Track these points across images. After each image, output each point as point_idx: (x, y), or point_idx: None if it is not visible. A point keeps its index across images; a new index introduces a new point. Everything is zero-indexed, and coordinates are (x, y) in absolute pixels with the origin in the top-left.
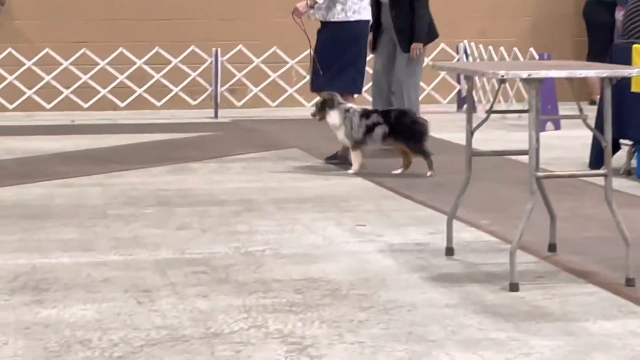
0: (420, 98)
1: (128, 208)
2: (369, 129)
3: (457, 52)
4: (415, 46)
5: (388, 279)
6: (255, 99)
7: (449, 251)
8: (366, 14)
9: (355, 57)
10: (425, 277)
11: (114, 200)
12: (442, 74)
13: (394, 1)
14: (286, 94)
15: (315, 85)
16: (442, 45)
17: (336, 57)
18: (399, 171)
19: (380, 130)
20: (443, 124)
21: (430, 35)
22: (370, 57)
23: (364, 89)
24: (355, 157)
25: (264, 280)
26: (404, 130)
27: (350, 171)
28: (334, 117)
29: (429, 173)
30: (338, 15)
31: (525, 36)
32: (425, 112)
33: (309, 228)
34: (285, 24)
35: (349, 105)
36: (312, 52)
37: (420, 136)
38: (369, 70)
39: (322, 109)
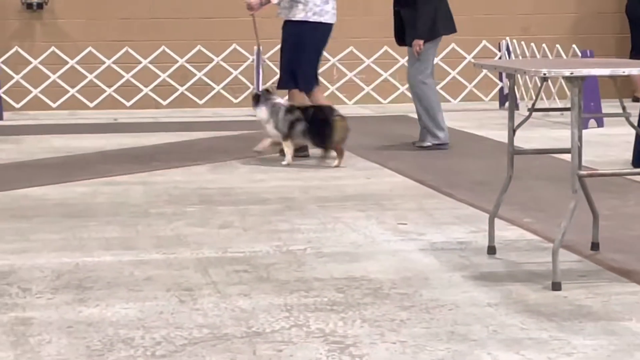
0: (462, 95)
1: (170, 206)
2: (292, 124)
3: (499, 50)
4: (416, 42)
5: (430, 277)
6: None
7: (491, 250)
8: (328, 17)
9: (310, 56)
10: (467, 276)
11: (156, 198)
12: (484, 71)
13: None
14: (327, 92)
15: (279, 83)
16: (484, 42)
17: (294, 56)
18: (335, 163)
19: (300, 127)
20: (485, 121)
21: (433, 31)
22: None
23: None
24: (287, 149)
25: (305, 279)
26: (316, 128)
27: (283, 162)
28: (262, 112)
29: (335, 163)
30: (298, 14)
31: (568, 33)
32: (466, 109)
33: (351, 226)
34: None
35: (277, 100)
36: (259, 47)
37: (329, 135)
38: None
39: (255, 103)
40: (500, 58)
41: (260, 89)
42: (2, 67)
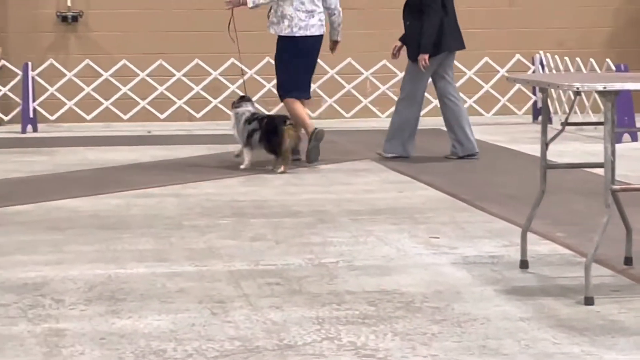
0: (495, 109)
1: (203, 219)
2: (250, 133)
3: (533, 63)
4: (421, 57)
5: (462, 291)
6: (329, 110)
7: (524, 264)
8: (314, 30)
9: (298, 69)
10: (499, 290)
11: (189, 211)
12: (518, 85)
13: (408, 12)
14: (360, 105)
15: (278, 94)
16: (518, 56)
17: (284, 68)
18: (280, 169)
19: (256, 135)
20: (518, 135)
21: (438, 47)
22: None
23: None
24: (245, 154)
25: (337, 292)
26: (269, 136)
27: (242, 166)
28: (231, 118)
29: (280, 169)
30: (285, 30)
31: (603, 47)
32: (500, 123)
33: (383, 240)
34: (360, 35)
35: (245, 108)
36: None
37: (280, 143)
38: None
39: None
40: (534, 72)
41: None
42: (37, 79)
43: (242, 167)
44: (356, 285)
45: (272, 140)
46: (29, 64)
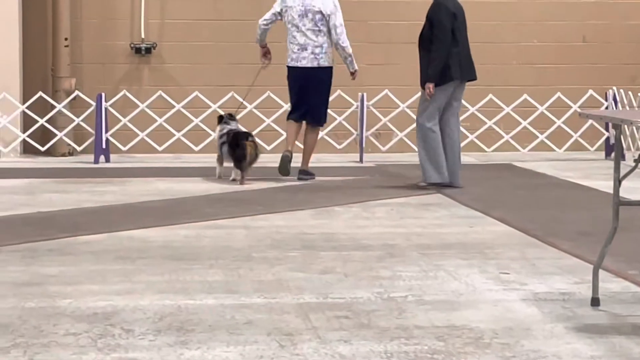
0: (567, 145)
1: (272, 251)
2: (221, 147)
3: (606, 99)
4: (427, 85)
5: (532, 328)
6: (400, 143)
7: (595, 301)
8: (305, 62)
9: (291, 94)
10: (570, 328)
11: (258, 242)
12: (590, 121)
13: (421, 44)
14: None
15: None
16: (590, 91)
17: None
18: (235, 177)
19: (225, 149)
20: (590, 171)
21: (444, 76)
22: None
23: None
24: (217, 166)
25: (405, 327)
26: (233, 150)
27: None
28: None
29: (236, 177)
30: (288, 62)
31: None
32: (572, 159)
33: (452, 275)
34: None
35: (226, 125)
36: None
37: (241, 157)
38: None
39: None
40: (606, 108)
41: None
42: (110, 110)
43: (216, 177)
44: (425, 320)
45: (236, 154)
46: (103, 94)
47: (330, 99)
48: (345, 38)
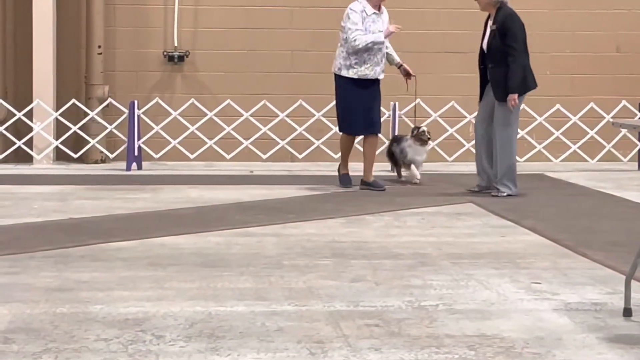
0: (600, 155)
1: (303, 259)
2: None
3: (639, 110)
4: (510, 97)
5: (563, 338)
6: (432, 153)
7: (627, 312)
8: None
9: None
10: (601, 338)
11: (289, 250)
12: (623, 131)
13: (491, 55)
14: (463, 149)
15: None
16: (624, 102)
17: None
18: None
19: None
20: (623, 182)
21: (524, 86)
22: None
23: None
24: None
25: (436, 336)
26: None
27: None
28: None
29: None
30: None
31: None
32: (604, 169)
33: (484, 284)
34: (463, 78)
35: None
36: None
37: None
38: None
39: None
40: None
41: None
42: (142, 117)
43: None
44: (456, 329)
45: None
46: (135, 102)
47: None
48: (353, 36)
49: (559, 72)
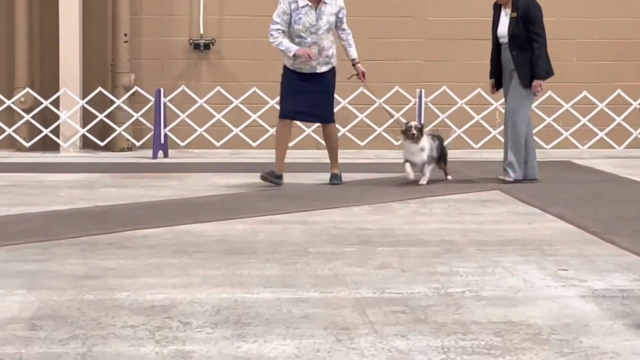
0: (627, 142)
1: (329, 246)
2: None
3: None
4: (536, 83)
5: (590, 324)
6: (458, 140)
7: None
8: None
9: None
10: (629, 324)
11: (315, 238)
12: None
13: (514, 42)
14: (489, 136)
15: None
16: None
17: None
18: None
19: None
20: None
21: (548, 72)
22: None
23: None
24: None
25: (463, 322)
26: None
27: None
28: None
29: None
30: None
31: None
32: (632, 156)
33: (510, 271)
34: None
35: None
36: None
37: None
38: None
39: None
40: None
41: None
42: (168, 105)
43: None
44: (482, 316)
45: None
46: (161, 90)
47: (388, 95)
48: (270, 31)
49: (585, 59)
